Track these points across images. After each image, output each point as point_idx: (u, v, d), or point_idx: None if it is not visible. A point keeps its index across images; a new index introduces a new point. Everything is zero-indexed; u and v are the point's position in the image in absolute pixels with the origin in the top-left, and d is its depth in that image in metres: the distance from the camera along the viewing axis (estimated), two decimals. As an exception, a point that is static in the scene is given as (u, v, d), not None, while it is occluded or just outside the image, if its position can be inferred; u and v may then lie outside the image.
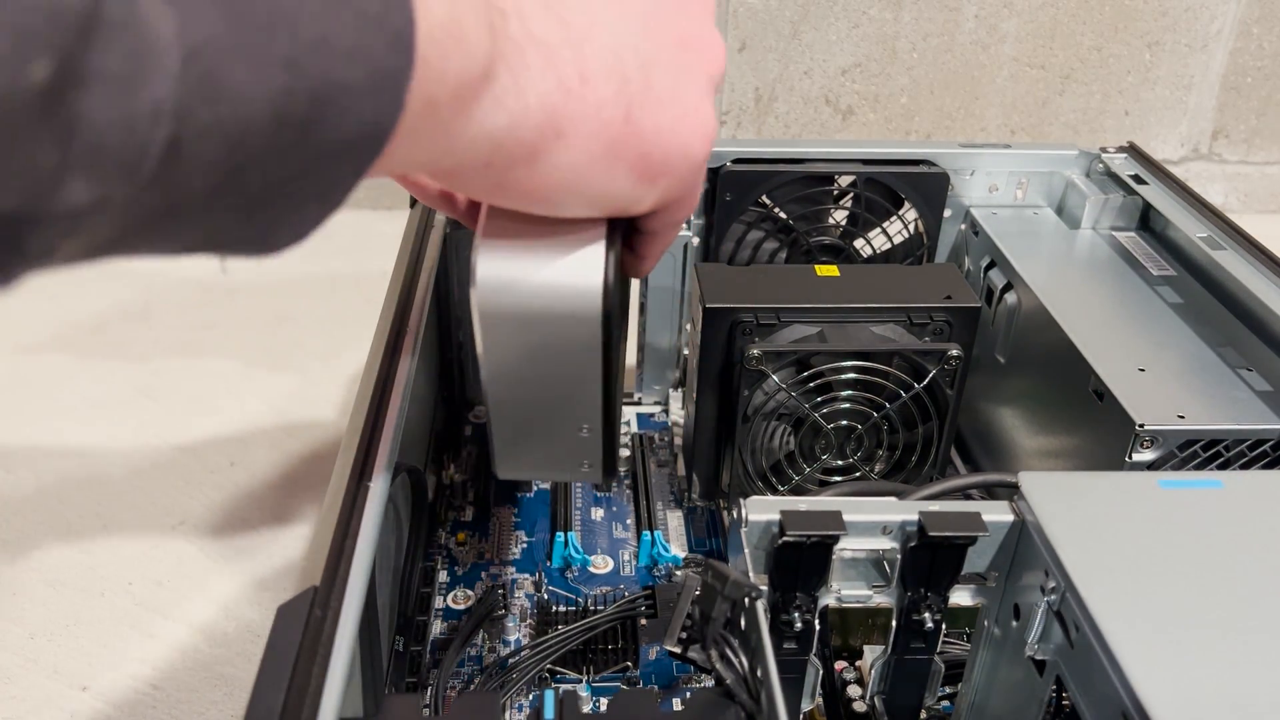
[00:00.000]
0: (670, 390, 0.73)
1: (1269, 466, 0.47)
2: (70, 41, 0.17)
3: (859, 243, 0.66)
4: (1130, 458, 0.47)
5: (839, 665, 0.51)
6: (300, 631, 0.32)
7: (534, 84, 0.28)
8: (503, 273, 0.34)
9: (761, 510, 0.39)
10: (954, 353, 0.53)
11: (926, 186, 0.65)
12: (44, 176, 0.18)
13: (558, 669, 0.52)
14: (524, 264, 0.34)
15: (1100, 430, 0.50)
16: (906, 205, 0.65)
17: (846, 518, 0.39)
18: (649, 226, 0.37)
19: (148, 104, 0.18)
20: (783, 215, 0.65)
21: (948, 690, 0.48)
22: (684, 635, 0.38)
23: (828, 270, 0.58)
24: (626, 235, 0.37)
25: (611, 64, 0.30)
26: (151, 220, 0.21)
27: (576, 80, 0.29)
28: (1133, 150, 0.69)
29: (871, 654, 0.47)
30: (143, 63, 0.18)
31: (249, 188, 0.22)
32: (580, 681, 0.52)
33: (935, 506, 0.40)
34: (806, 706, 0.44)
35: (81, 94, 0.17)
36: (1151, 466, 0.47)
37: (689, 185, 0.35)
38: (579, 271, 0.34)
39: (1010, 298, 0.61)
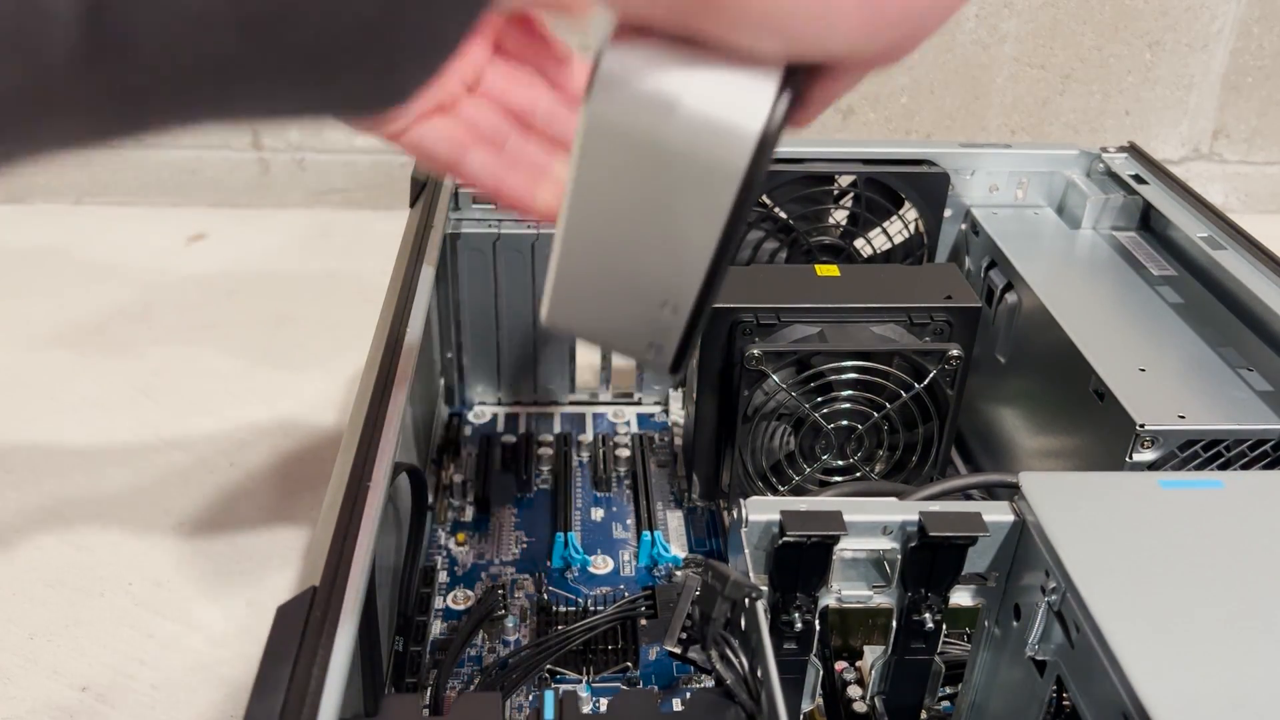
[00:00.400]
0: (670, 390, 0.73)
1: (1269, 466, 0.47)
2: None
3: (859, 243, 0.66)
4: (1131, 458, 0.47)
5: (839, 665, 0.51)
6: (300, 632, 0.32)
7: None
8: (634, 83, 0.26)
9: (762, 510, 0.39)
10: (954, 353, 0.53)
11: (927, 186, 0.65)
12: None
13: (558, 669, 0.52)
14: (664, 79, 0.26)
15: (1101, 430, 0.50)
16: (906, 205, 0.65)
17: (847, 518, 0.39)
18: (841, 73, 0.27)
19: None
20: (783, 215, 0.65)
21: (948, 690, 0.48)
22: (684, 635, 0.38)
23: (828, 270, 0.59)
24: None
25: None
26: (170, 95, 0.16)
27: None
28: (1133, 150, 0.69)
29: (872, 654, 0.47)
30: None
31: (308, 51, 0.16)
32: (580, 682, 0.52)
33: (936, 507, 0.40)
34: (806, 707, 0.44)
35: None
36: (1152, 466, 0.47)
37: (922, 38, 0.26)
38: (736, 108, 0.26)
39: (1010, 298, 0.61)
